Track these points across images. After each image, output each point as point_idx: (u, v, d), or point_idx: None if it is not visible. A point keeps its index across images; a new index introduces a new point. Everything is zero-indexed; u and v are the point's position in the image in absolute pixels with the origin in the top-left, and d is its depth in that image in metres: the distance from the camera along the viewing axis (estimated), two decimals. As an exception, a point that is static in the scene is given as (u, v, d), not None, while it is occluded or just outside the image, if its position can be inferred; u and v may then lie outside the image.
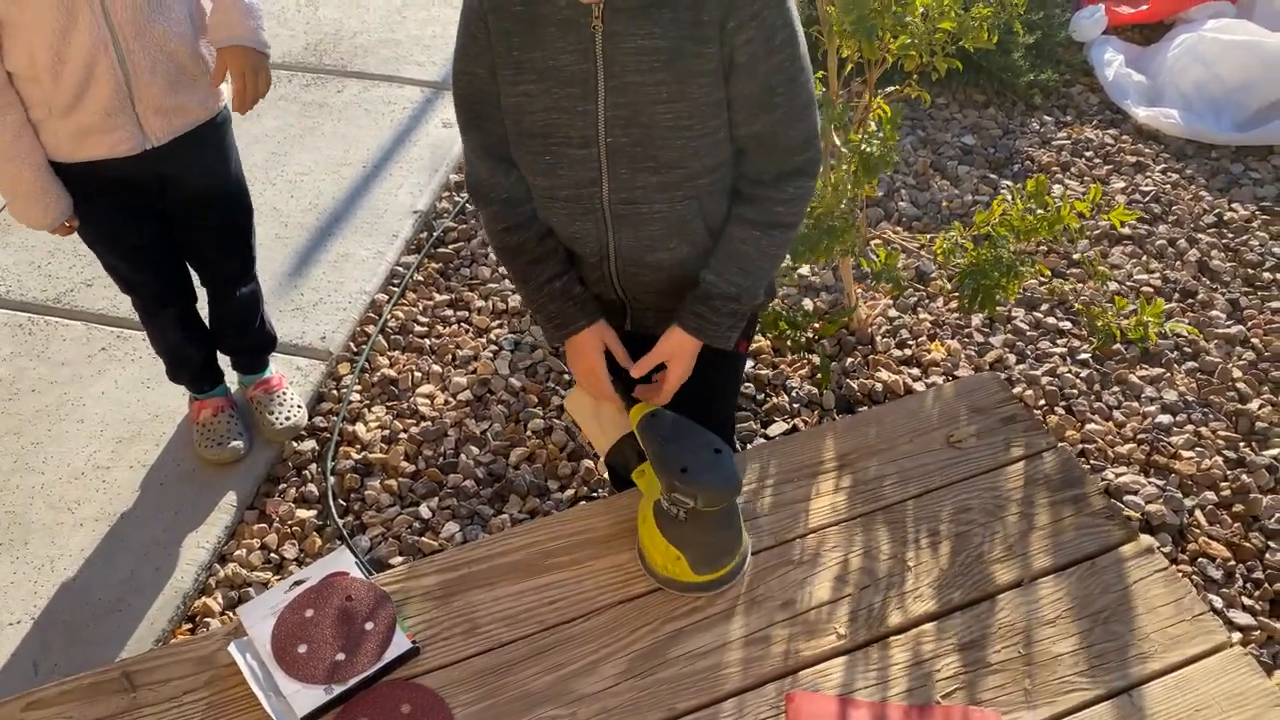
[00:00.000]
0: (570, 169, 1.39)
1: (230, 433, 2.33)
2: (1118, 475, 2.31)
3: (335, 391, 2.55)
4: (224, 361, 2.42)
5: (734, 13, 1.26)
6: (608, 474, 2.28)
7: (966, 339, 2.66)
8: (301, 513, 2.28)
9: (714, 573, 1.39)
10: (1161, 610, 1.39)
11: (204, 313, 2.33)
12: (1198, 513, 2.24)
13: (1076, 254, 2.88)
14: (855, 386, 2.51)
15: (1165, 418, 2.44)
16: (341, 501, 2.32)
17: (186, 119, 1.93)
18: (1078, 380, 2.53)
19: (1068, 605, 1.40)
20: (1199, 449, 2.37)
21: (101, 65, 1.77)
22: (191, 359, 2.32)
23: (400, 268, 2.89)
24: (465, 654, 1.36)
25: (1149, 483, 2.29)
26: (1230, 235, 2.96)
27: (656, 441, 1.41)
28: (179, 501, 2.29)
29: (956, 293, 2.07)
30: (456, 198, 3.13)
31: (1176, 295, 2.78)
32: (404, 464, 2.38)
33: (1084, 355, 2.60)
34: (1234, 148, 3.27)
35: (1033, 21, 3.57)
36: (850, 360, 2.59)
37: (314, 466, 2.38)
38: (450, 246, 2.96)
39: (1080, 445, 2.38)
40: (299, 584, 1.44)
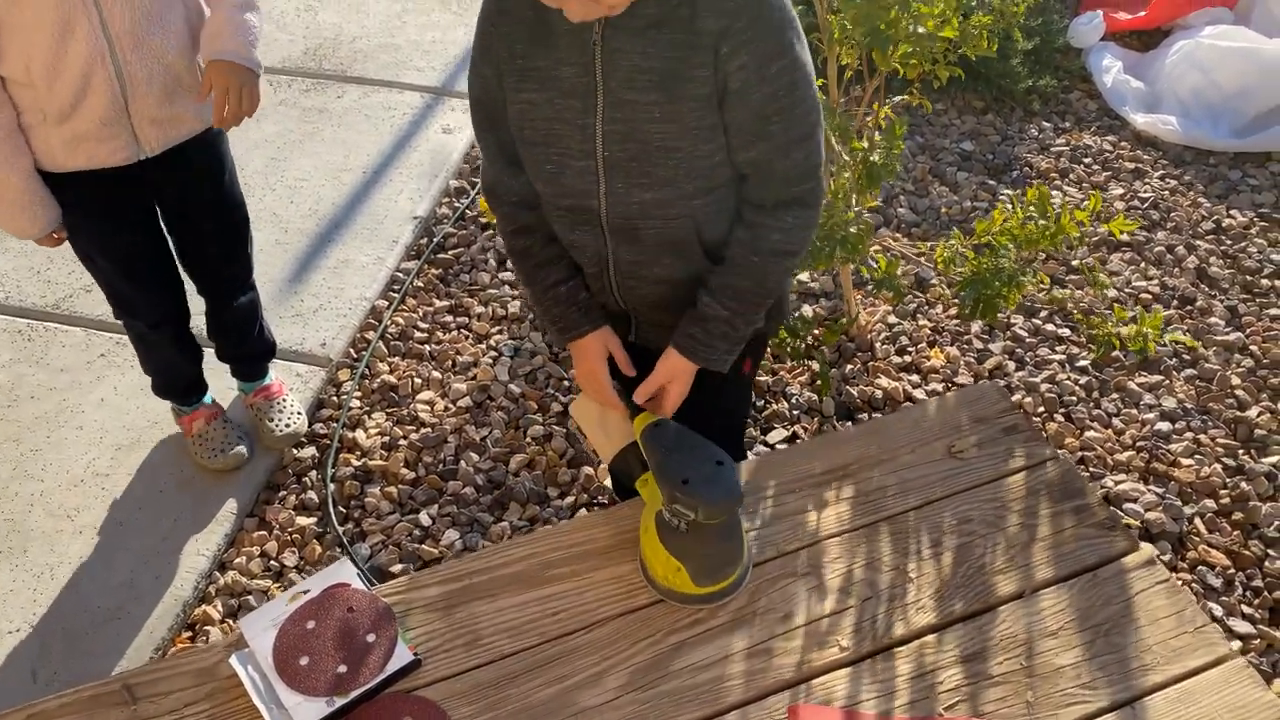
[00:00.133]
0: (570, 179, 1.39)
1: (229, 439, 2.33)
2: (1117, 483, 2.31)
3: (335, 398, 2.55)
4: (223, 368, 2.42)
5: (728, 38, 1.25)
6: (610, 482, 2.28)
7: (966, 346, 2.66)
8: (301, 520, 2.28)
9: (714, 585, 1.39)
10: (1164, 622, 1.39)
11: (200, 320, 2.32)
12: (1197, 520, 2.25)
13: (1075, 260, 2.89)
14: (855, 393, 2.51)
15: (1164, 425, 2.44)
16: (341, 509, 2.32)
17: (181, 129, 1.92)
18: (1077, 387, 2.54)
19: (1070, 617, 1.40)
20: (1198, 456, 2.37)
21: (98, 75, 1.77)
22: (183, 376, 2.31)
23: (400, 273, 2.89)
24: (467, 666, 1.35)
25: (1148, 490, 2.30)
26: (1229, 242, 2.97)
27: (659, 452, 1.40)
28: (178, 509, 2.28)
29: (957, 301, 2.07)
30: (456, 203, 3.13)
31: (1175, 302, 2.79)
32: (404, 471, 2.37)
33: (1083, 362, 2.60)
34: (1232, 154, 3.28)
35: (1031, 28, 3.58)
36: (850, 367, 2.59)
37: (314, 473, 2.38)
38: (450, 252, 2.96)
39: (1079, 453, 2.39)
40: (300, 595, 1.44)
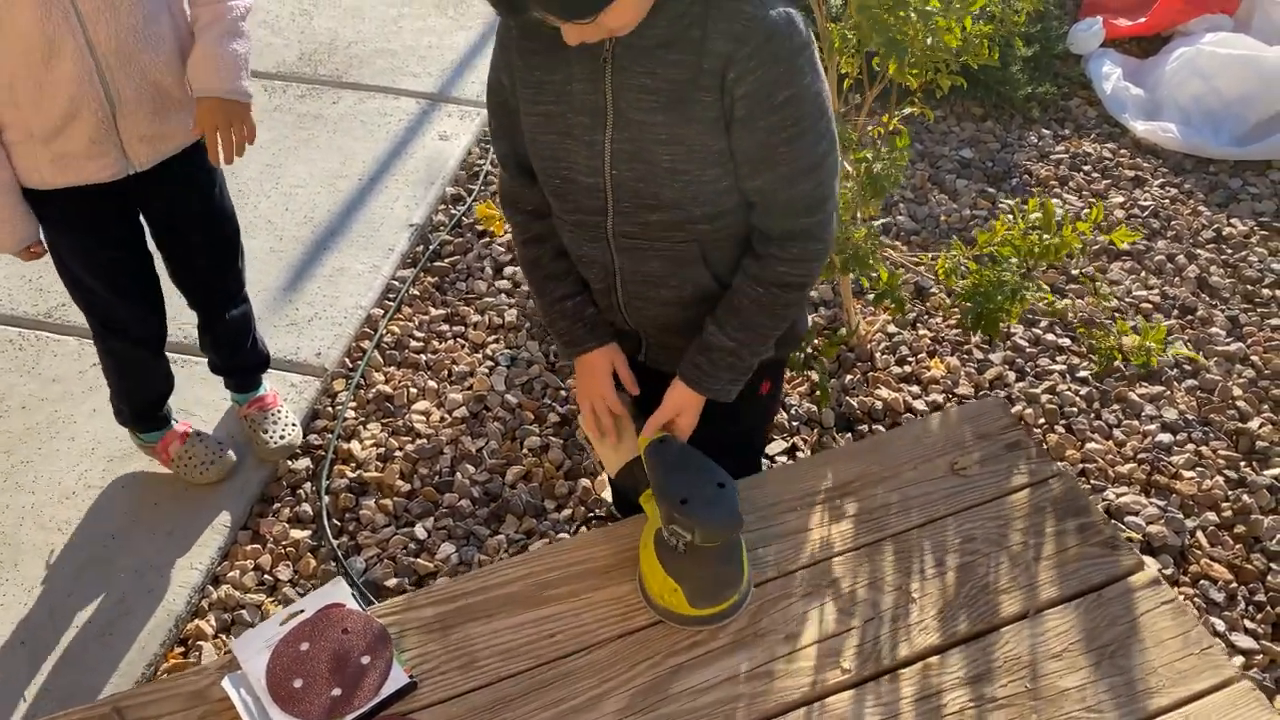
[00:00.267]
0: (578, 196, 1.38)
1: (212, 448, 2.30)
2: (1118, 495, 2.30)
3: (330, 408, 2.53)
4: (216, 379, 2.40)
5: (734, 65, 1.22)
6: (610, 495, 2.26)
7: (966, 356, 2.64)
8: (295, 533, 2.26)
9: (711, 608, 1.37)
10: (1169, 643, 1.38)
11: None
12: (1199, 534, 2.23)
13: (1075, 269, 2.87)
14: (855, 404, 2.50)
15: (1165, 436, 2.43)
16: (336, 521, 2.29)
17: (171, 144, 1.89)
18: (1077, 398, 2.52)
19: (1074, 638, 1.38)
20: (1200, 469, 2.36)
21: (86, 95, 1.74)
22: (157, 399, 2.26)
23: (396, 282, 2.87)
24: (463, 689, 1.33)
25: (1150, 503, 2.28)
26: (1229, 251, 2.96)
27: (660, 469, 1.38)
28: (171, 522, 2.26)
29: (959, 314, 2.06)
30: (453, 211, 3.11)
31: (1175, 312, 2.77)
32: (399, 483, 2.35)
33: (1083, 373, 2.59)
34: (1232, 162, 3.27)
35: (1030, 34, 3.56)
36: (850, 377, 2.58)
37: (308, 485, 2.35)
38: (446, 260, 2.94)
39: (1080, 465, 2.37)
40: (294, 616, 1.41)
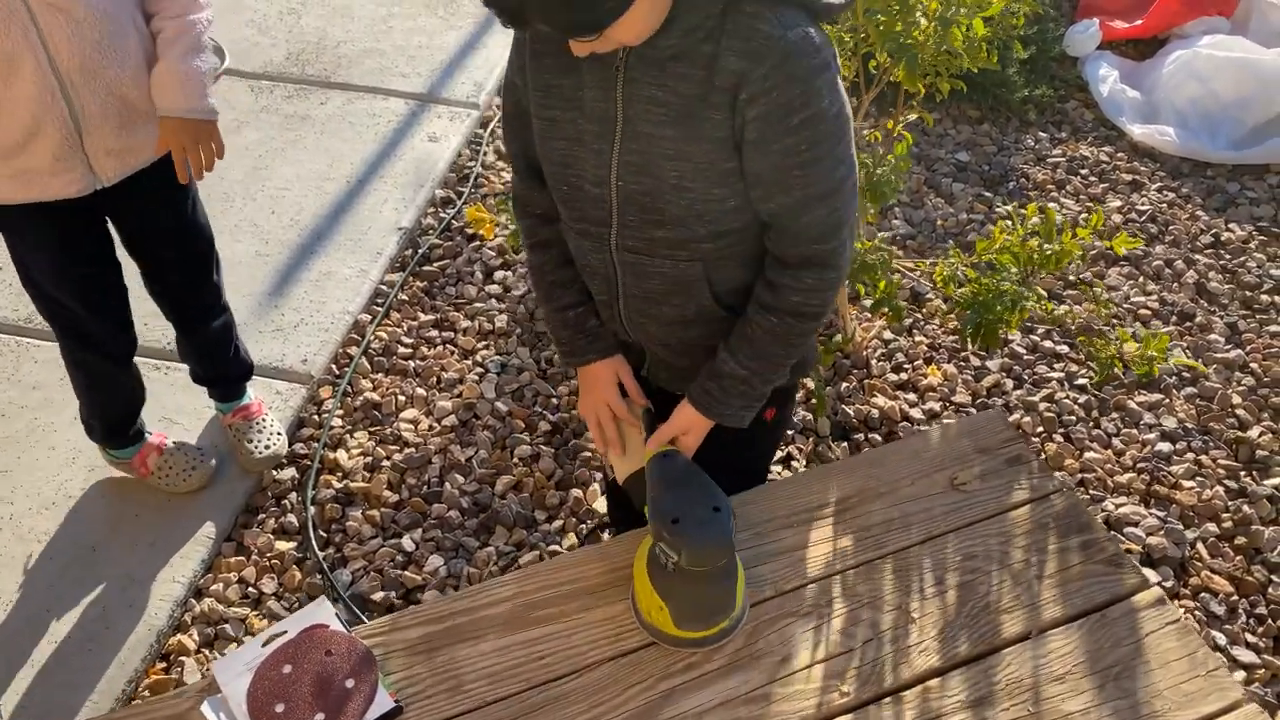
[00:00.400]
0: (584, 205, 1.35)
1: (193, 456, 2.25)
2: (1118, 506, 2.26)
3: (316, 417, 2.48)
4: (199, 387, 2.35)
5: (748, 84, 1.17)
6: (605, 506, 2.22)
7: (963, 363, 2.61)
8: (281, 545, 2.21)
9: (698, 631, 1.33)
10: (1175, 665, 1.35)
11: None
12: (1199, 545, 2.20)
13: (1072, 275, 2.84)
14: (851, 412, 2.46)
15: (1165, 445, 2.40)
16: (322, 533, 2.25)
17: (139, 158, 1.84)
18: (1076, 406, 2.49)
19: (1078, 660, 1.35)
20: (1199, 478, 2.33)
21: (49, 113, 1.69)
22: (130, 413, 2.21)
23: (384, 286, 2.82)
24: (450, 714, 1.29)
25: (1150, 514, 2.25)
26: (1228, 256, 2.93)
27: (659, 484, 1.35)
28: (153, 533, 2.21)
29: (958, 325, 2.02)
30: (442, 214, 3.07)
31: (1174, 318, 2.74)
32: (386, 493, 2.31)
33: (1082, 380, 2.55)
34: (1230, 166, 3.24)
35: (1027, 36, 3.53)
36: (845, 385, 2.54)
37: (294, 496, 2.31)
38: (435, 264, 2.90)
39: (1080, 475, 2.34)
40: (276, 637, 1.37)
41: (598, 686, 1.32)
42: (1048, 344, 2.65)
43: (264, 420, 2.34)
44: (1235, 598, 2.11)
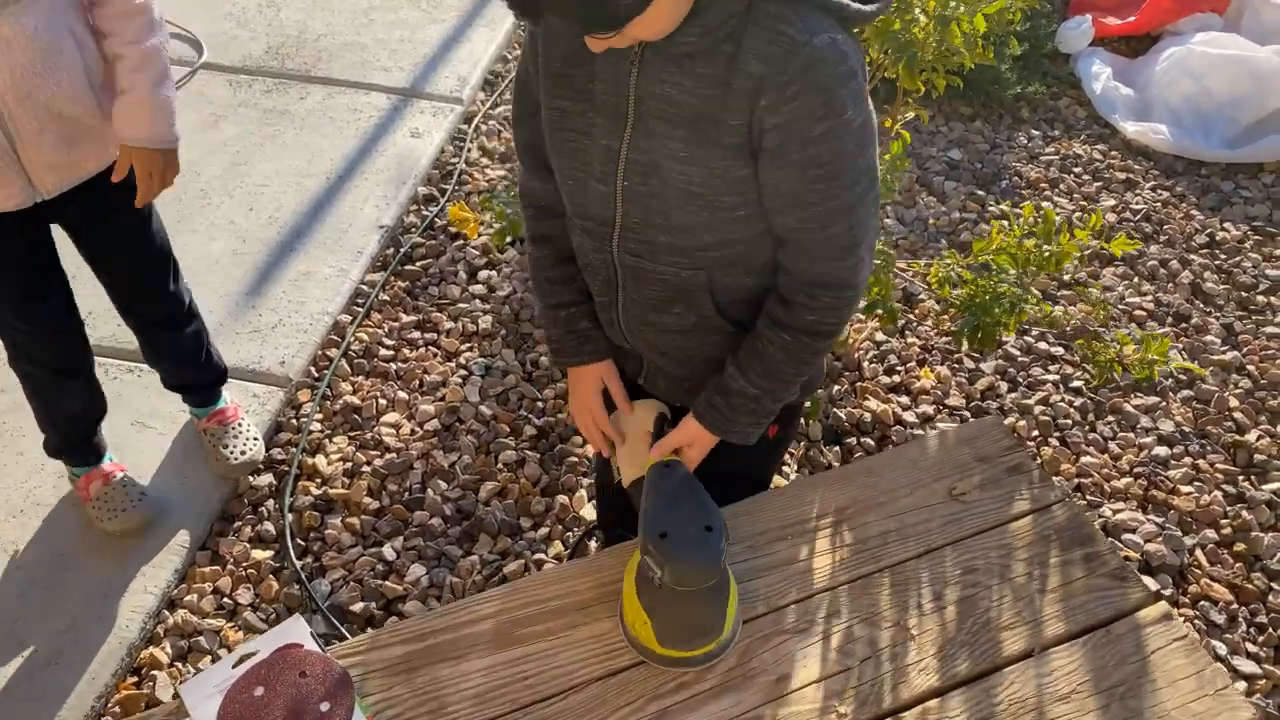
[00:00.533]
0: (590, 201, 1.29)
1: (129, 498, 2.12)
2: (1115, 512, 2.22)
3: (294, 421, 2.41)
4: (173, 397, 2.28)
5: (769, 89, 1.10)
6: (596, 509, 2.16)
7: (956, 365, 2.56)
8: (257, 554, 2.14)
9: (680, 651, 1.27)
10: (1182, 684, 1.30)
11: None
12: (1198, 552, 2.16)
13: (1068, 276, 2.80)
14: (843, 416, 2.41)
15: (1162, 449, 2.35)
16: (300, 541, 2.18)
17: (82, 172, 1.77)
18: (1071, 409, 2.44)
19: (1082, 678, 1.30)
20: (1197, 483, 2.29)
21: None
22: (84, 429, 2.12)
23: (365, 286, 2.76)
24: (430, 738, 1.24)
25: (1148, 520, 2.21)
26: (1223, 256, 2.89)
27: (654, 495, 1.30)
28: (125, 543, 2.14)
29: (954, 328, 1.97)
30: (425, 212, 3.00)
31: (1170, 319, 2.70)
32: (367, 500, 2.24)
33: (1077, 383, 2.51)
34: (1224, 164, 3.20)
35: (1019, 33, 3.49)
36: (837, 388, 2.49)
37: (271, 503, 2.24)
38: (418, 264, 2.83)
39: (1076, 480, 2.29)
40: (248, 657, 1.31)
41: (586, 708, 1.26)
42: (1042, 345, 2.60)
43: (240, 425, 2.27)
44: (1235, 606, 2.07)
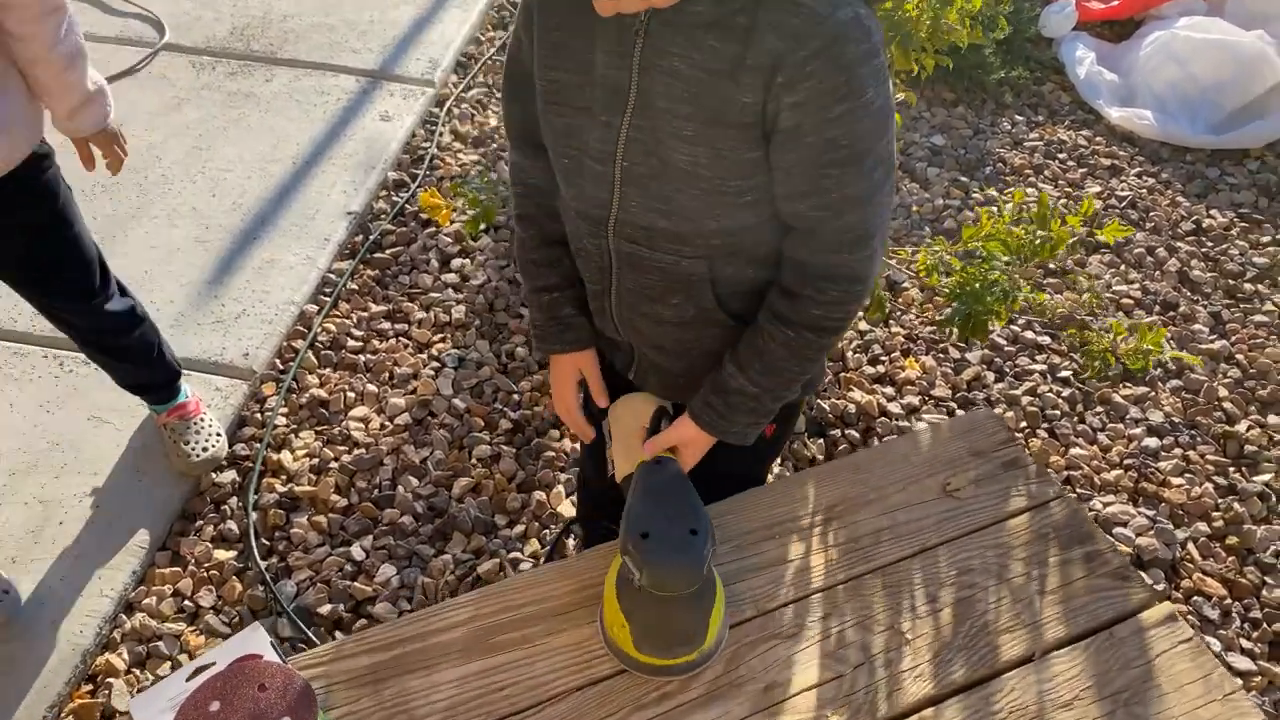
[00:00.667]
0: (585, 182, 1.21)
1: None
2: (1105, 505, 2.17)
3: (259, 415, 2.32)
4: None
5: (786, 66, 1.03)
6: (578, 502, 2.08)
7: (942, 355, 2.50)
8: (220, 554, 2.05)
9: (657, 659, 1.20)
10: (1189, 688, 1.24)
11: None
12: (1190, 545, 2.11)
13: (1055, 264, 2.75)
14: (827, 408, 2.34)
15: (1152, 441, 2.31)
16: (265, 541, 2.09)
17: None
18: (1059, 400, 2.39)
19: (1084, 684, 1.25)
20: (1188, 475, 2.24)
21: None
22: None
23: (332, 275, 2.66)
24: (399, 756, 1.16)
25: (1139, 513, 2.16)
26: (1209, 244, 2.85)
27: (640, 493, 1.23)
28: (80, 543, 2.04)
29: (942, 318, 1.91)
30: (395, 198, 2.91)
31: (1157, 307, 2.66)
32: (334, 497, 2.16)
33: (1065, 373, 2.46)
34: (1209, 150, 3.16)
35: (1004, 14, 3.43)
36: (820, 379, 2.42)
37: (234, 501, 2.15)
38: (388, 251, 2.74)
39: (1065, 472, 2.24)
40: (203, 669, 1.23)
41: (564, 719, 1.19)
42: (1029, 335, 2.55)
43: (202, 420, 2.18)
44: (1229, 601, 2.02)
